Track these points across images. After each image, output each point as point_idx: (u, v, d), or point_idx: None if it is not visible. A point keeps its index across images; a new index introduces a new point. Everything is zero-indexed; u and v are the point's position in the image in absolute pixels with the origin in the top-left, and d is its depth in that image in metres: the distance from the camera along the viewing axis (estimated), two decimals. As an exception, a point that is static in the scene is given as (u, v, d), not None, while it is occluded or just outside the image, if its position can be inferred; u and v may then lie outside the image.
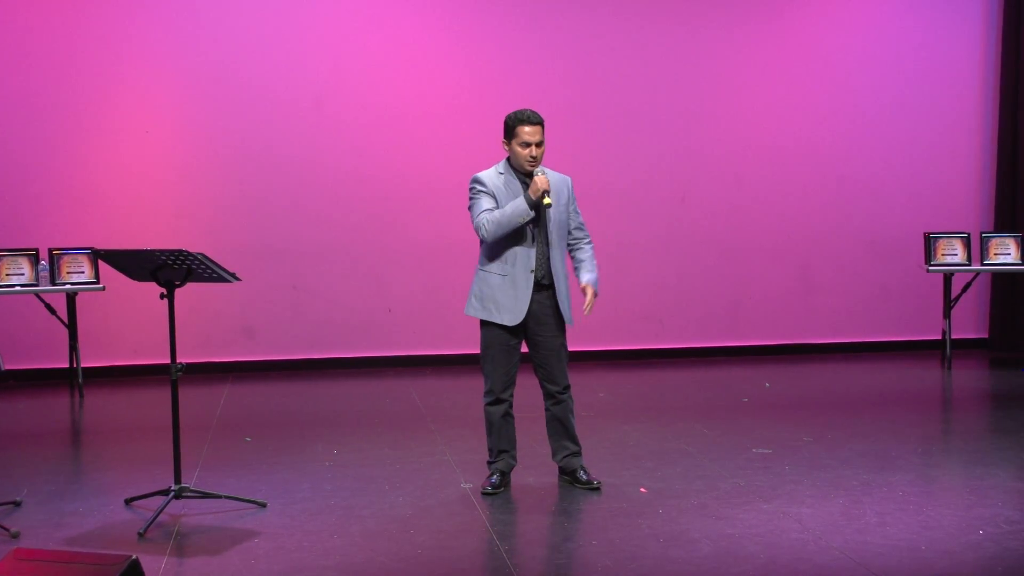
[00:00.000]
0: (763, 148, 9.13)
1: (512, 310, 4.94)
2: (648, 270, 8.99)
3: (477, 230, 4.92)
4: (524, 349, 5.12)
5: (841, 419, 6.64)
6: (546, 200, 4.81)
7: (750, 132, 9.10)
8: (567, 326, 5.08)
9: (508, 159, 5.00)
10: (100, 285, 7.55)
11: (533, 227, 4.92)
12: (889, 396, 7.49)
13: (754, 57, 9.10)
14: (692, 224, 9.06)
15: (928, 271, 8.50)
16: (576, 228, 5.12)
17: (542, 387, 5.12)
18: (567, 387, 5.11)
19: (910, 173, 9.35)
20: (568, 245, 5.12)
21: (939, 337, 8.93)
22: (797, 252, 9.26)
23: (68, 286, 7.51)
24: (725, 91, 9.05)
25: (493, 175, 4.97)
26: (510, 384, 5.06)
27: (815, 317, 9.32)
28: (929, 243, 8.48)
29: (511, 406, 5.10)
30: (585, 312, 5.02)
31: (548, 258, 4.97)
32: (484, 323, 5.05)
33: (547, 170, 4.99)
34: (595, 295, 5.03)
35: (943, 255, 8.48)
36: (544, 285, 4.99)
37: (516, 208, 4.82)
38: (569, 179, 5.10)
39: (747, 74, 9.09)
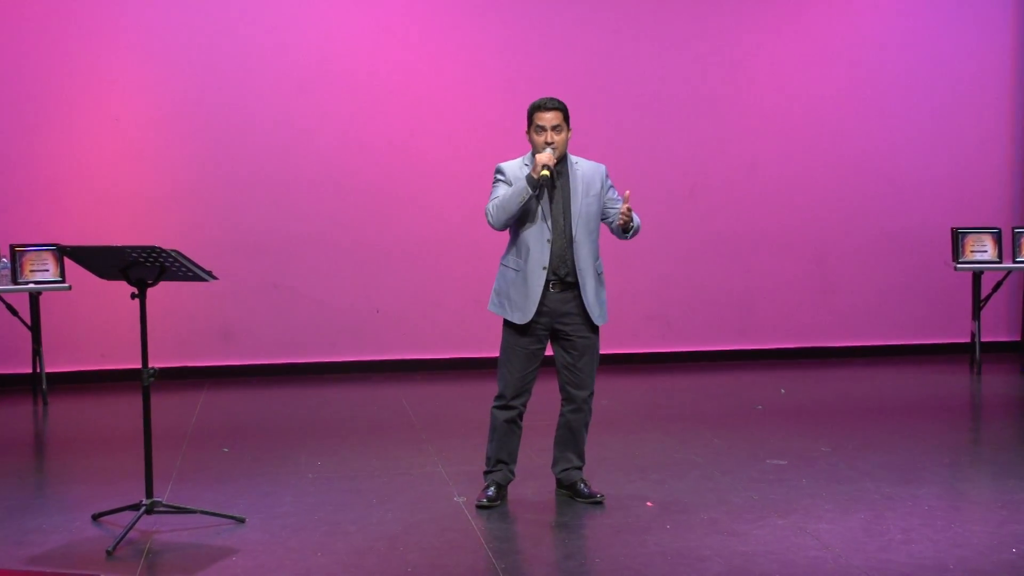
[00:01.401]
0: (778, 137, 9.12)
1: (522, 308, 4.95)
2: (654, 267, 8.98)
3: (486, 217, 4.96)
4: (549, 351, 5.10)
5: (862, 428, 6.63)
6: (544, 172, 4.81)
7: (764, 120, 9.10)
8: (600, 327, 5.08)
9: (532, 152, 5.02)
10: (66, 284, 7.52)
11: (548, 219, 4.91)
12: (914, 403, 7.49)
13: (770, 41, 9.09)
14: (701, 218, 9.05)
15: (956, 269, 8.49)
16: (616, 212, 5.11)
17: (563, 391, 5.12)
18: (591, 395, 5.12)
19: (936, 164, 9.35)
20: (613, 221, 5.09)
21: (967, 340, 8.92)
22: (814, 248, 9.25)
23: (31, 285, 7.48)
24: (738, 76, 9.05)
25: (517, 166, 5.01)
26: (523, 392, 5.06)
27: (833, 318, 9.32)
28: (957, 239, 8.48)
29: (520, 416, 5.10)
30: (622, 211, 4.90)
31: (572, 255, 4.96)
32: (505, 322, 5.07)
33: (579, 159, 5.05)
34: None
35: (972, 252, 8.48)
36: (568, 284, 4.98)
37: (516, 186, 4.86)
38: (603, 167, 5.12)
39: (762, 58, 9.08)
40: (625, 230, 5.01)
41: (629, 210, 4.95)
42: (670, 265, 9.04)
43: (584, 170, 5.04)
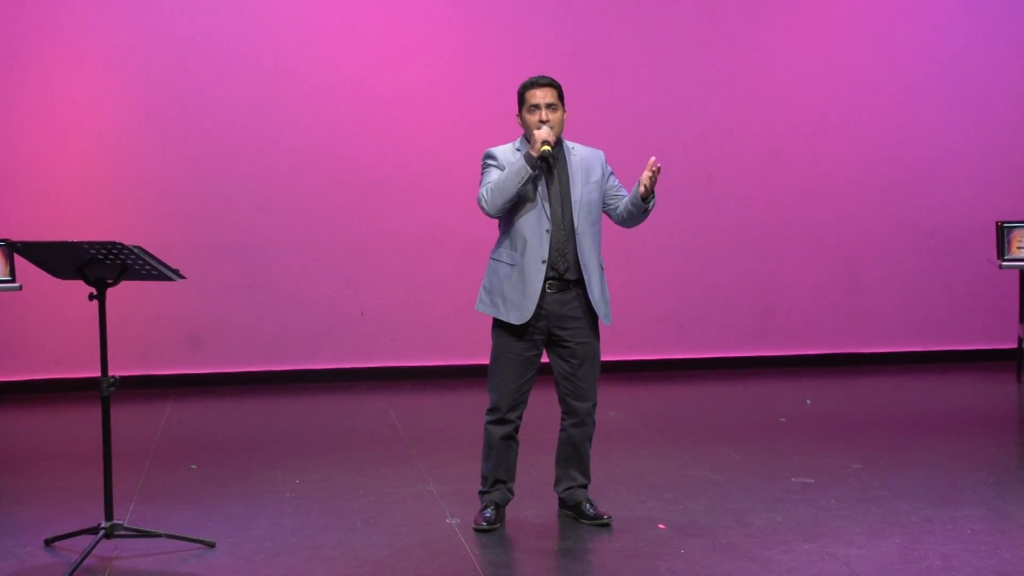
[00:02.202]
0: (803, 122, 9.11)
1: (520, 307, 4.93)
2: (665, 265, 8.97)
3: (479, 202, 4.94)
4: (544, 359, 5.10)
5: (896, 443, 6.63)
6: (545, 147, 4.81)
7: (788, 104, 9.08)
8: (602, 331, 5.07)
9: (524, 135, 5.04)
10: (16, 284, 7.50)
11: (547, 207, 4.91)
12: (954, 415, 7.48)
13: (797, 17, 9.08)
14: (718, 212, 9.04)
15: (1001, 267, 8.49)
16: (619, 199, 5.11)
17: (563, 404, 5.11)
18: (594, 406, 5.12)
19: (977, 151, 9.33)
20: (616, 208, 5.09)
21: (1014, 346, 8.92)
22: (842, 245, 9.24)
23: (-20, 285, 7.47)
24: (760, 55, 9.03)
25: (508, 151, 5.02)
26: (520, 403, 5.05)
27: (864, 321, 9.31)
28: (1002, 234, 8.47)
29: (517, 429, 5.09)
30: (648, 175, 4.84)
31: (574, 247, 4.95)
32: (496, 325, 5.05)
33: (576, 145, 5.08)
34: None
35: (1019, 248, 8.47)
36: (570, 282, 4.97)
37: (513, 166, 4.85)
38: (602, 153, 5.14)
39: (787, 35, 9.07)
40: (645, 199, 4.92)
41: (656, 173, 4.84)
42: (683, 262, 9.02)
43: (582, 156, 5.05)
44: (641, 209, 4.99)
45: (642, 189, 4.89)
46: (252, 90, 8.42)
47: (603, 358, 8.57)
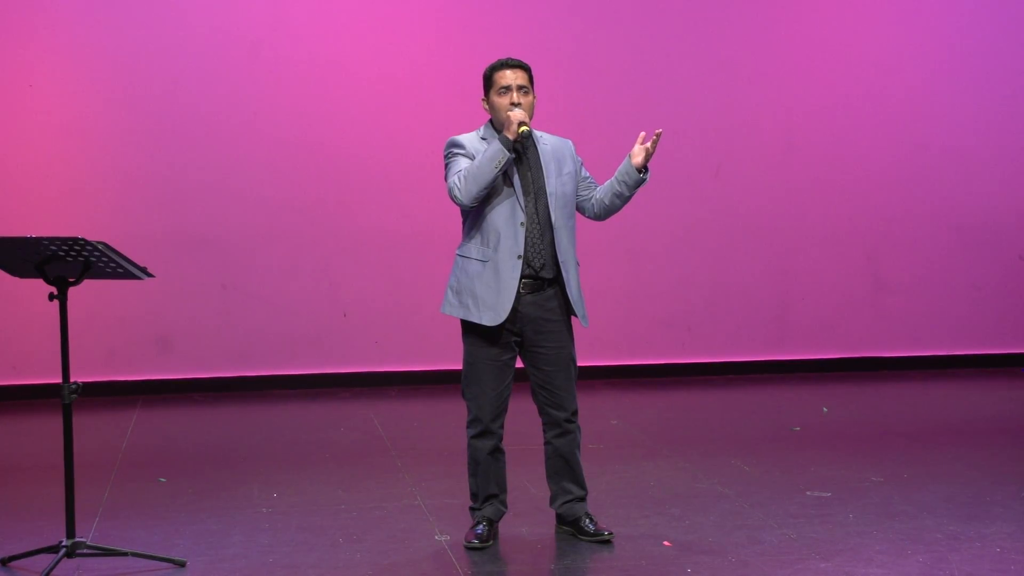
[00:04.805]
0: (820, 108, 9.11)
1: (494, 307, 4.94)
2: (672, 265, 8.97)
3: (450, 192, 4.96)
4: (519, 364, 5.11)
5: (920, 454, 6.64)
6: (523, 127, 4.83)
7: (804, 87, 9.08)
8: (578, 332, 5.09)
9: (490, 121, 5.06)
10: (-28, 283, 7.51)
11: (520, 198, 4.92)
12: (982, 425, 7.49)
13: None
14: (728, 205, 9.04)
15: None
16: (592, 190, 5.17)
17: (543, 414, 5.12)
18: (575, 412, 5.11)
19: (1009, 141, 9.33)
20: (590, 199, 5.13)
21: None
22: (863, 241, 9.25)
23: (-69, 284, 7.47)
24: (772, 33, 9.03)
25: (474, 139, 5.05)
26: (502, 411, 5.07)
27: (886, 324, 9.31)
28: (1032, 229, 8.49)
29: (501, 440, 5.11)
30: (644, 145, 4.98)
31: (551, 242, 4.96)
32: (466, 330, 5.06)
33: (544, 134, 5.10)
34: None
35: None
36: (545, 280, 4.98)
37: (488, 151, 4.86)
38: (570, 142, 5.18)
39: (801, 12, 9.07)
40: (641, 171, 4.96)
41: (658, 137, 4.92)
42: (690, 261, 9.02)
43: (553, 146, 5.08)
44: (635, 182, 4.98)
45: (638, 160, 4.91)
46: (227, 74, 8.41)
47: (603, 363, 8.73)
